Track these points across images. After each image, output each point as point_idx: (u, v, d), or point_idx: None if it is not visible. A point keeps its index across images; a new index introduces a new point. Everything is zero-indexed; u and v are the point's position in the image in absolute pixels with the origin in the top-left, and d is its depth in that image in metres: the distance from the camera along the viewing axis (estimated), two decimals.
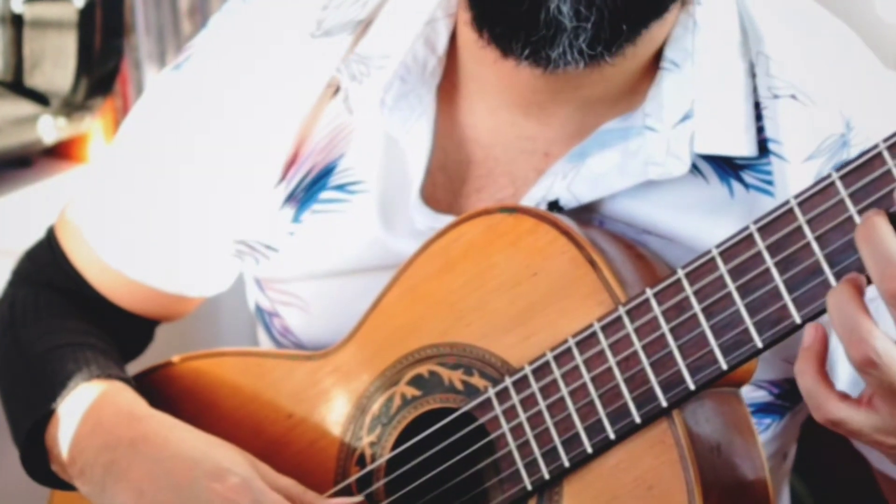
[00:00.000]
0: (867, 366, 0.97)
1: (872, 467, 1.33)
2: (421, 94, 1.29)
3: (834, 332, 1.00)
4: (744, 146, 1.22)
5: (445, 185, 1.30)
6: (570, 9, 1.15)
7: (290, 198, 1.35)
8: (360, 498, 1.25)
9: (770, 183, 1.23)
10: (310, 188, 1.34)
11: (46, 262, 1.47)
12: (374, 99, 1.28)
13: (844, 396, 1.01)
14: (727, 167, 1.24)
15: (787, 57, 1.23)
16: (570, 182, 1.24)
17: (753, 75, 1.24)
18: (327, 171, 1.33)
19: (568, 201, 1.24)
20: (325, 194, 1.33)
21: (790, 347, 1.26)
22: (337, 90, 1.33)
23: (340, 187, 1.33)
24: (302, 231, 1.34)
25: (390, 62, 1.28)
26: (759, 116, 1.23)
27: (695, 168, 1.23)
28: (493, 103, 1.29)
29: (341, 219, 1.33)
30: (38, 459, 1.36)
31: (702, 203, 1.24)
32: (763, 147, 1.23)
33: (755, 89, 1.24)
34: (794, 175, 1.21)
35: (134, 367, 1.44)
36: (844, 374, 1.24)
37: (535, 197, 1.26)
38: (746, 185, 1.23)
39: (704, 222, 1.23)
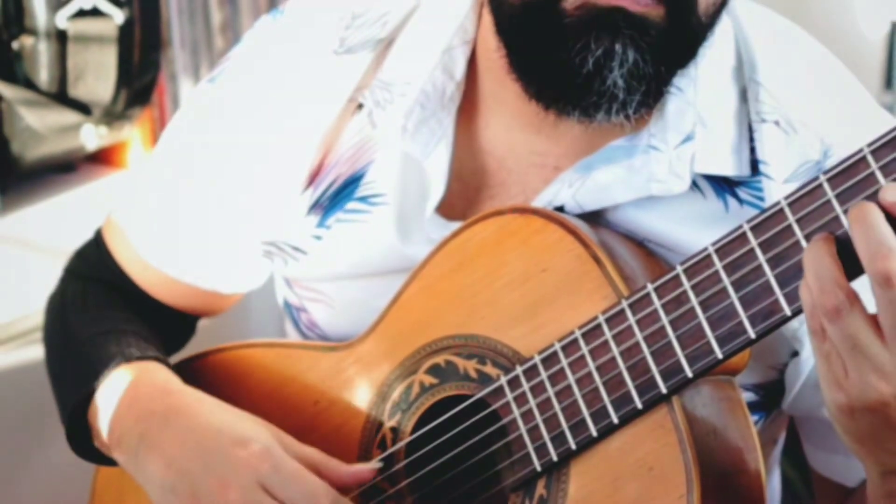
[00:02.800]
0: (834, 315, 0.98)
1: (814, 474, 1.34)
2: (441, 117, 1.28)
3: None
4: (738, 167, 1.22)
5: (461, 194, 1.30)
6: (625, 82, 1.15)
7: (316, 205, 1.35)
8: (377, 463, 1.25)
9: (762, 199, 1.23)
10: (335, 197, 1.34)
11: (94, 260, 1.48)
12: (397, 125, 1.28)
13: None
14: (723, 184, 1.24)
15: (777, 85, 1.23)
16: (576, 191, 1.24)
17: (746, 100, 1.24)
18: (351, 182, 1.33)
19: (572, 208, 1.24)
20: (350, 205, 1.33)
21: (770, 355, 1.26)
22: (359, 106, 1.33)
23: (363, 199, 1.33)
24: (328, 237, 1.35)
25: (411, 89, 1.28)
26: (751, 138, 1.23)
27: (693, 184, 1.22)
28: (509, 122, 1.29)
29: (363, 228, 1.33)
30: (81, 436, 1.36)
31: (699, 216, 1.23)
32: (755, 166, 1.23)
33: (748, 113, 1.24)
34: (777, 193, 1.21)
35: (174, 358, 1.44)
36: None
37: (542, 201, 1.26)
38: (741, 201, 1.23)
39: (701, 233, 1.22)
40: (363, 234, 1.33)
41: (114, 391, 1.31)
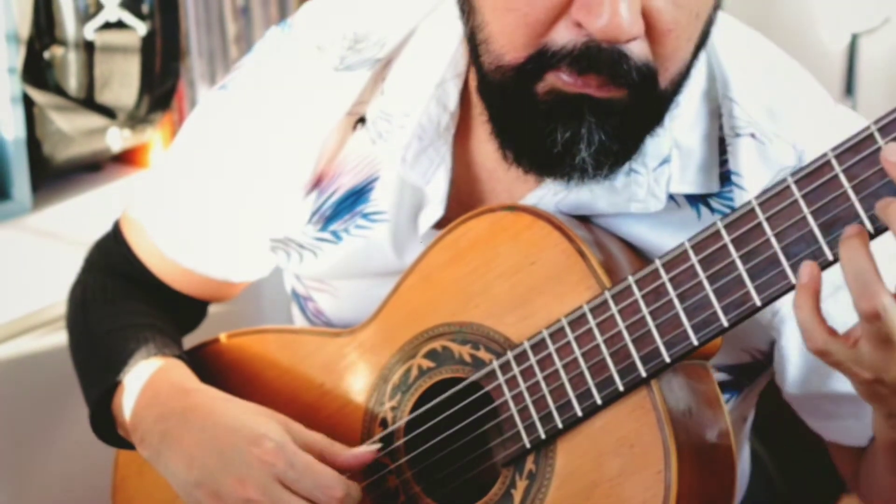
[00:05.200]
0: (873, 318, 0.97)
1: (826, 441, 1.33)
2: (438, 146, 1.27)
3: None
4: (707, 185, 1.21)
5: (455, 198, 1.29)
6: (593, 159, 1.14)
7: (318, 211, 1.34)
8: (376, 446, 1.25)
9: (732, 208, 1.21)
10: (337, 206, 1.33)
11: (113, 251, 1.47)
12: (396, 157, 1.26)
13: (833, 332, 1.01)
14: (696, 196, 1.23)
15: (749, 99, 1.22)
16: (559, 200, 1.23)
17: (720, 115, 1.23)
18: (353, 194, 1.33)
19: (555, 213, 1.23)
20: (359, 221, 1.32)
21: (747, 339, 1.26)
22: (360, 120, 1.32)
23: (367, 216, 1.32)
24: (330, 246, 1.34)
25: (409, 121, 1.26)
26: (723, 151, 1.22)
27: (669, 196, 1.22)
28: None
29: (365, 242, 1.32)
30: (106, 425, 1.36)
31: (674, 223, 1.22)
32: (726, 177, 1.22)
33: (721, 128, 1.23)
34: None
35: (188, 342, 1.44)
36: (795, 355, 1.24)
37: (528, 203, 1.25)
38: (712, 209, 1.22)
39: (675, 238, 1.20)
40: (365, 246, 1.32)
41: (133, 387, 1.31)
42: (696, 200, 1.22)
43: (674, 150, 1.21)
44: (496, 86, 1.16)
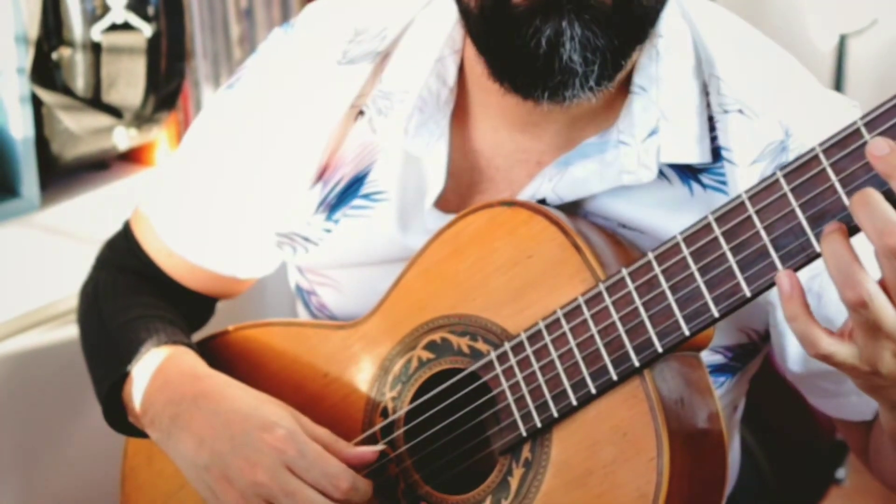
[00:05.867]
0: (859, 306, 0.97)
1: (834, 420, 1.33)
2: (437, 119, 1.28)
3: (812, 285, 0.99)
4: (700, 155, 1.22)
5: (455, 190, 1.30)
6: (580, 56, 1.15)
7: (324, 201, 1.35)
8: (379, 447, 1.25)
9: (724, 183, 1.23)
10: (341, 194, 1.34)
11: (123, 249, 1.47)
12: (398, 128, 1.28)
13: (831, 333, 1.01)
14: (687, 171, 1.24)
15: (735, 78, 1.23)
16: (556, 185, 1.24)
17: (707, 94, 1.24)
18: (356, 181, 1.33)
19: (553, 200, 1.24)
20: (356, 202, 1.33)
21: (744, 318, 1.27)
22: (360, 112, 1.33)
23: (367, 196, 1.33)
24: (336, 230, 1.35)
25: (409, 96, 1.28)
26: (712, 128, 1.23)
27: (661, 173, 1.23)
28: (495, 123, 1.29)
29: (367, 221, 1.33)
30: (116, 413, 1.36)
31: (667, 201, 1.23)
32: (717, 154, 1.23)
33: (709, 105, 1.23)
34: (742, 176, 1.21)
35: (196, 336, 1.44)
36: (793, 350, 1.25)
37: (526, 195, 1.26)
38: (704, 186, 1.23)
39: (669, 217, 1.22)
40: (367, 226, 1.32)
41: (144, 374, 1.31)
42: (687, 177, 1.23)
43: (662, 122, 1.21)
44: (478, 10, 1.18)
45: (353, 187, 1.33)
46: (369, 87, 1.31)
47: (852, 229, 0.99)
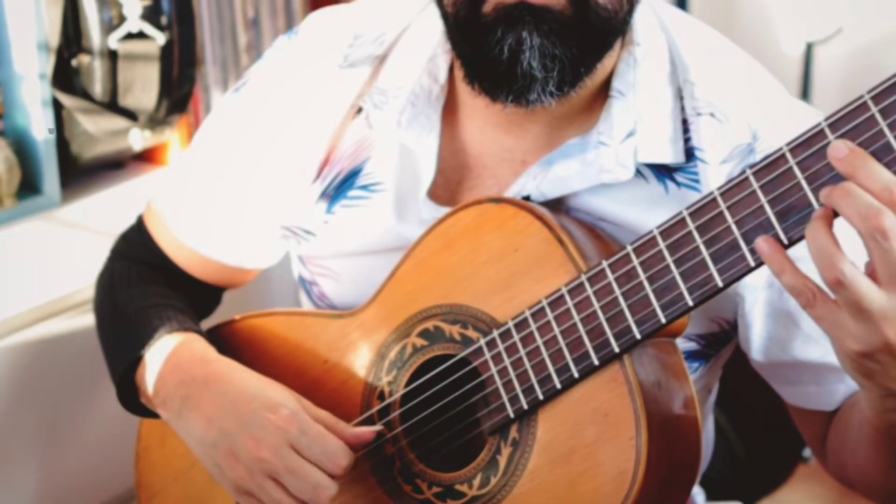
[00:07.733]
0: (837, 285, 0.97)
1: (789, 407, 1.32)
2: (429, 114, 1.28)
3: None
4: (674, 155, 1.22)
5: (445, 185, 1.30)
6: (539, 63, 1.16)
7: (324, 194, 1.35)
8: (378, 427, 1.25)
9: (697, 181, 1.23)
10: (339, 187, 1.34)
11: (137, 241, 1.47)
12: (392, 120, 1.28)
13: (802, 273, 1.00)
14: (663, 170, 1.23)
15: (707, 83, 1.23)
16: (540, 183, 1.24)
17: (681, 97, 1.24)
18: (353, 174, 1.33)
19: (537, 197, 1.24)
20: (352, 192, 1.33)
21: (715, 308, 1.26)
22: (359, 110, 1.33)
23: (364, 187, 1.32)
24: (334, 220, 1.34)
25: (403, 92, 1.28)
26: (686, 130, 1.23)
27: (638, 172, 1.22)
28: (481, 123, 1.29)
29: (364, 212, 1.32)
30: (130, 395, 1.36)
31: (643, 199, 1.23)
32: (690, 154, 1.23)
33: (683, 109, 1.24)
34: (713, 175, 1.21)
35: (205, 324, 1.44)
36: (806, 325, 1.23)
37: (512, 192, 1.26)
38: (678, 184, 1.23)
39: (646, 213, 1.22)
40: (365, 216, 1.32)
41: (157, 358, 1.31)
42: (662, 176, 1.23)
43: (639, 124, 1.22)
44: (453, 18, 1.20)
45: (350, 179, 1.33)
46: (367, 87, 1.32)
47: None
